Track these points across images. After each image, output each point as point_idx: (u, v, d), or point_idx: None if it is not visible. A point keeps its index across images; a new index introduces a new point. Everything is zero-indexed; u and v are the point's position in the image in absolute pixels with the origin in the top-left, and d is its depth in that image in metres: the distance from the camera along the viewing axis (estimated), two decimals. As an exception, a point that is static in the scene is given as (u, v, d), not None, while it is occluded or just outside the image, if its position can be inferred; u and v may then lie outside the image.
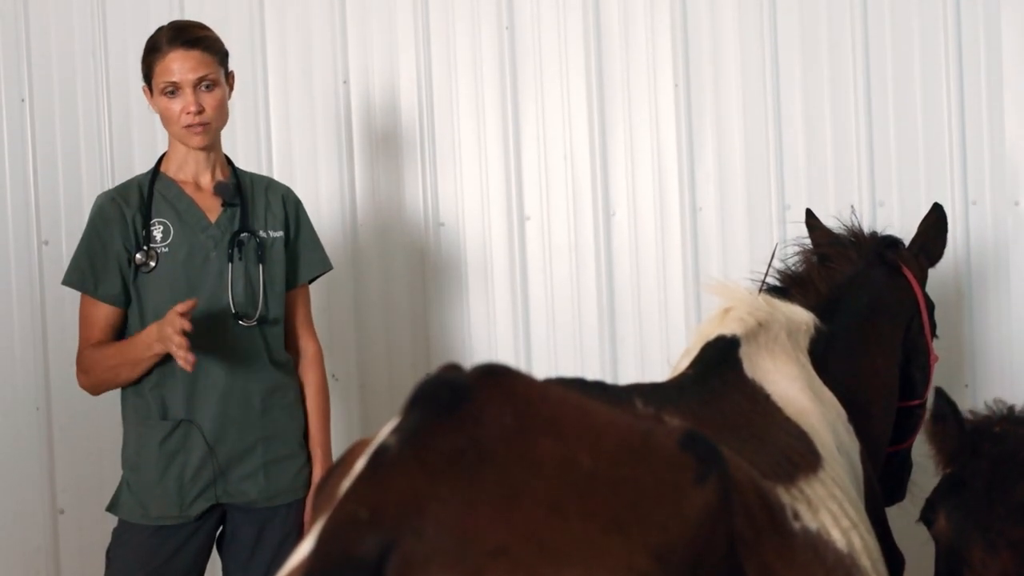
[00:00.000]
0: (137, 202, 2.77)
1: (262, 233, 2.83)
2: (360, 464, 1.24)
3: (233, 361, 2.72)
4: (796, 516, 1.57)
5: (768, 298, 2.24)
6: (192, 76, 2.69)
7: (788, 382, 2.02)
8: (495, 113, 3.78)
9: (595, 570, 1.15)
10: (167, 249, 2.74)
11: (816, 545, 1.58)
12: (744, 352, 2.03)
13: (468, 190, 3.79)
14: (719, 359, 2.01)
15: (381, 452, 1.21)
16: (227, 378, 2.71)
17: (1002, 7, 3.58)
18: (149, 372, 2.70)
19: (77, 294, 2.82)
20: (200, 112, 2.71)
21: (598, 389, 1.59)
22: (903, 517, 2.75)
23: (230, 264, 2.75)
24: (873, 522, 1.96)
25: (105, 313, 2.75)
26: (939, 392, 1.95)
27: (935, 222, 2.78)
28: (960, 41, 3.61)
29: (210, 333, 2.71)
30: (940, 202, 2.86)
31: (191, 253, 2.75)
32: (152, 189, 2.79)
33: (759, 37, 3.69)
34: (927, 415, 1.91)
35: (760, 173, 3.68)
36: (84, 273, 2.74)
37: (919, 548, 2.75)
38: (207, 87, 2.72)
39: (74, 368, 2.82)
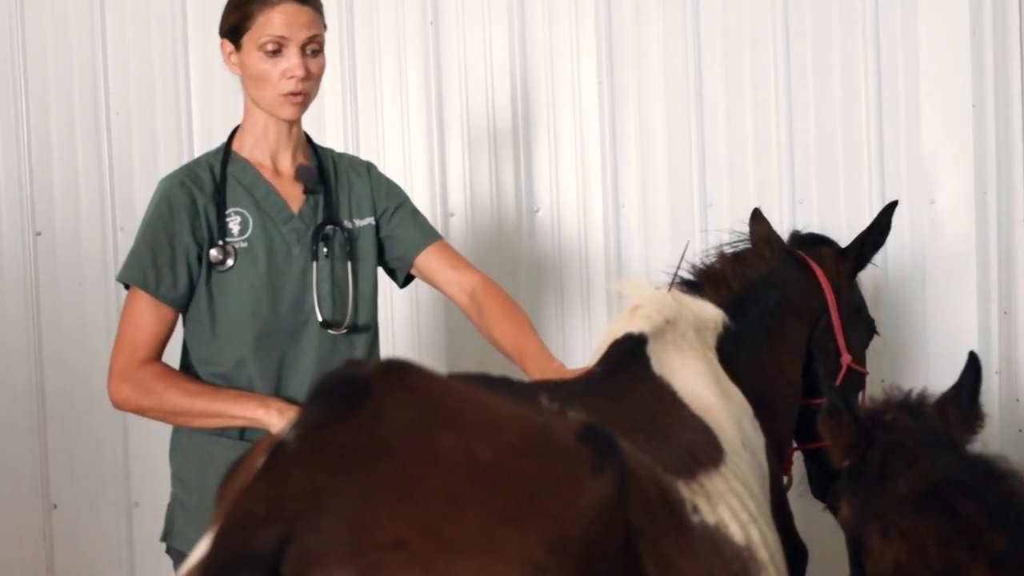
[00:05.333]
0: (210, 187, 2.37)
1: (348, 223, 2.47)
2: (260, 461, 1.25)
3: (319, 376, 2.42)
4: (695, 510, 1.60)
5: (678, 295, 2.25)
6: (304, 34, 2.32)
7: (695, 378, 2.04)
8: (419, 103, 3.78)
9: (491, 561, 1.16)
10: (245, 244, 2.36)
11: (714, 538, 1.60)
12: (652, 349, 2.04)
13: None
14: (626, 356, 2.02)
15: (279, 448, 1.21)
16: None
17: (919, 10, 3.66)
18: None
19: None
20: (305, 78, 2.34)
21: (503, 385, 1.60)
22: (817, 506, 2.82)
23: (315, 262, 2.39)
24: (777, 515, 2.00)
25: (161, 316, 2.35)
26: (831, 387, 1.96)
27: (886, 225, 2.73)
28: (878, 43, 3.68)
29: (293, 344, 2.39)
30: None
31: (272, 249, 2.38)
32: (225, 172, 2.40)
33: (682, 36, 3.73)
34: (822, 411, 1.92)
35: (682, 171, 3.73)
36: (145, 269, 2.33)
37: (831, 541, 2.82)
38: (314, 52, 2.36)
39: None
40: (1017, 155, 3.64)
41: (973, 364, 1.99)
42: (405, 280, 2.66)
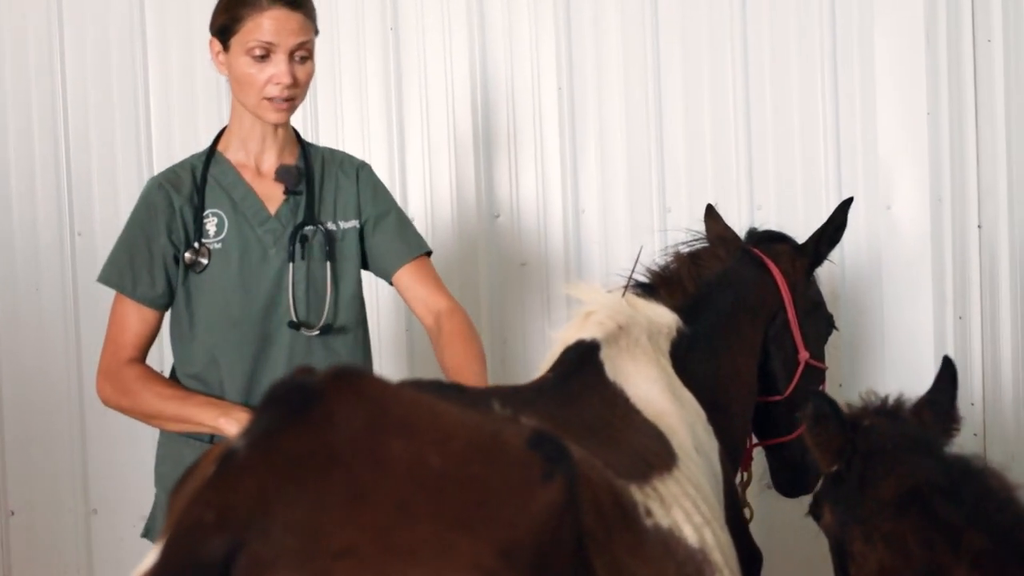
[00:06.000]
0: (189, 189, 2.39)
1: (330, 225, 2.46)
2: (210, 468, 1.25)
3: None
4: (648, 513, 1.61)
5: (632, 299, 2.24)
6: (292, 41, 2.31)
7: (648, 384, 2.04)
8: (379, 108, 3.77)
9: (442, 568, 1.17)
10: (220, 245, 2.38)
11: (667, 541, 1.61)
12: (605, 355, 2.04)
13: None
14: (579, 363, 2.01)
15: (229, 455, 1.21)
16: None
17: (875, 16, 3.70)
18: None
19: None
20: (292, 85, 2.34)
21: (455, 392, 1.60)
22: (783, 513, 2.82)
23: (291, 263, 2.39)
24: (730, 519, 2.01)
25: (142, 317, 2.39)
26: (817, 393, 1.96)
27: (842, 222, 2.71)
28: (835, 52, 3.71)
29: (266, 346, 2.39)
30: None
31: (246, 250, 2.39)
32: (206, 174, 2.41)
33: (641, 42, 3.75)
34: (807, 417, 1.92)
35: (641, 176, 3.75)
36: (122, 270, 2.38)
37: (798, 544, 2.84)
38: (302, 58, 2.35)
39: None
40: (971, 162, 3.68)
41: (948, 368, 2.01)
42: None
